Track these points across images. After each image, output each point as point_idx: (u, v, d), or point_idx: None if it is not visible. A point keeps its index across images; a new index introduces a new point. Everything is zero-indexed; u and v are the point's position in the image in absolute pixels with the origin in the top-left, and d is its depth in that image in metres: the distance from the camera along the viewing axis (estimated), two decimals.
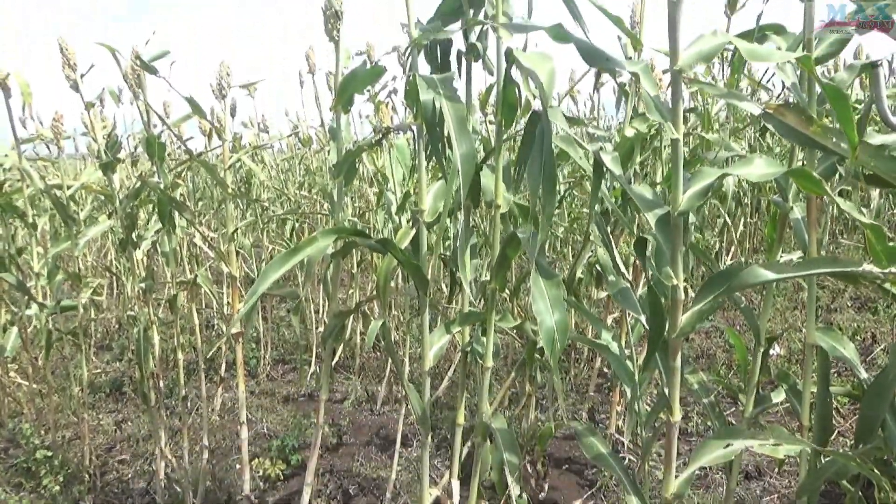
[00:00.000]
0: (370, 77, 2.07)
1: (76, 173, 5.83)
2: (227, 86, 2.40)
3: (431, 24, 1.87)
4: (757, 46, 1.44)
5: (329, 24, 2.17)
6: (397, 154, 2.55)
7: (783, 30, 1.88)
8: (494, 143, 1.84)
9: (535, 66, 1.57)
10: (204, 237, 2.63)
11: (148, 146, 2.43)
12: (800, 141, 1.48)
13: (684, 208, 1.39)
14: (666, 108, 1.39)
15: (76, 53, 2.63)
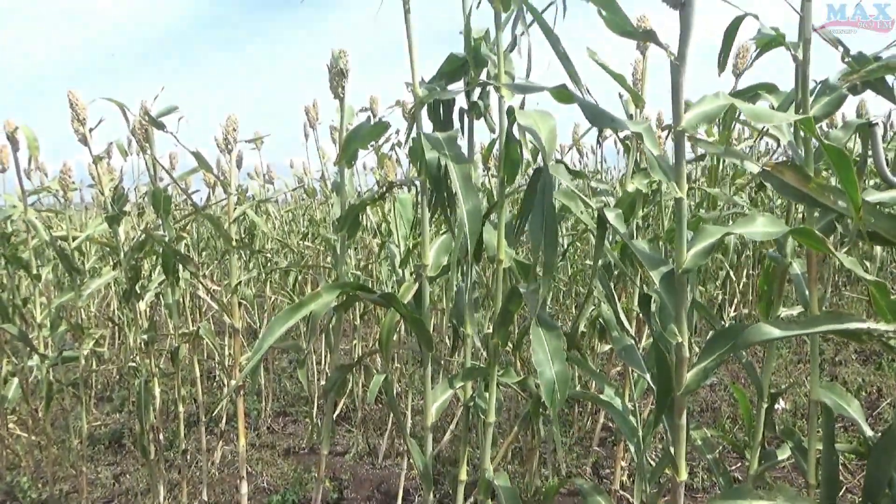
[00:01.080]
0: (374, 133, 2.11)
1: (82, 223, 5.87)
2: (233, 141, 2.44)
3: (434, 83, 1.91)
4: (759, 108, 1.47)
5: (334, 81, 2.22)
6: (400, 208, 2.57)
7: (775, 88, 1.91)
8: (497, 199, 1.86)
9: (536, 124, 1.60)
10: (207, 289, 2.64)
11: (154, 200, 2.46)
12: (798, 198, 1.49)
13: (688, 266, 1.40)
14: (669, 168, 1.41)
15: (86, 108, 2.68)
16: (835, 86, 1.71)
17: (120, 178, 2.97)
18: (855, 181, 1.38)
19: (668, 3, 1.29)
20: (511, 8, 1.70)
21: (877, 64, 1.59)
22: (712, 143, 1.68)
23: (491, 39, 1.85)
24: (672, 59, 1.32)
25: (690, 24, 1.30)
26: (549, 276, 1.57)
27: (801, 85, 1.65)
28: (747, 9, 1.62)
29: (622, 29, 1.38)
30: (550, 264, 1.56)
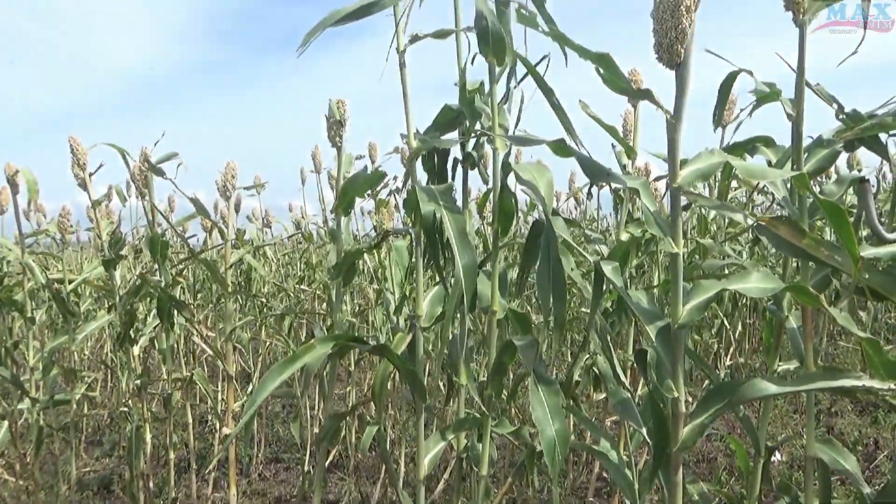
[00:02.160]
0: (370, 182, 2.12)
1: (78, 265, 5.87)
2: (232, 187, 2.46)
3: (429, 134, 1.93)
4: (752, 164, 1.49)
5: (332, 130, 2.24)
6: (396, 256, 2.57)
7: (772, 142, 1.93)
8: (491, 250, 1.86)
9: (534, 177, 1.61)
10: (202, 336, 2.63)
11: (151, 245, 2.47)
12: (793, 253, 1.50)
13: (684, 322, 1.40)
14: (665, 223, 1.42)
15: (87, 154, 2.70)
16: (829, 141, 1.73)
17: (118, 223, 2.97)
18: (852, 234, 1.39)
19: (663, 63, 1.31)
20: (505, 62, 1.73)
21: (870, 122, 1.62)
22: (708, 198, 1.69)
23: (485, 91, 1.88)
24: (668, 118, 1.34)
25: (686, 84, 1.32)
26: (561, 329, 1.57)
27: (796, 141, 1.67)
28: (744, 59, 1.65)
29: (620, 87, 1.40)
30: (561, 318, 1.56)
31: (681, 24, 1.26)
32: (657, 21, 1.29)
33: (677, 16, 1.26)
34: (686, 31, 1.27)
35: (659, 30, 1.29)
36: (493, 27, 1.61)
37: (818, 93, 1.68)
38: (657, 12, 1.29)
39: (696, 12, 1.28)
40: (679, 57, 1.29)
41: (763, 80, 1.80)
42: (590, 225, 4.56)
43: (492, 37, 1.62)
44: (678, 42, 1.27)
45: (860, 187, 1.82)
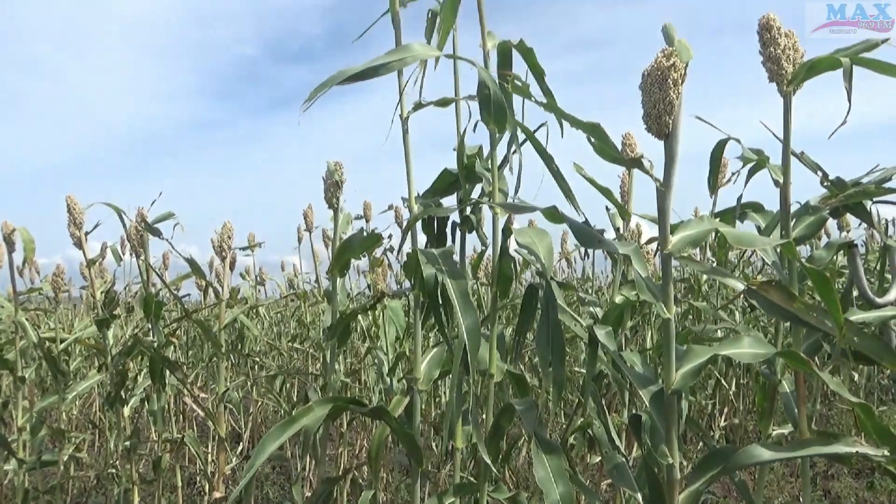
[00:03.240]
0: (366, 244, 2.14)
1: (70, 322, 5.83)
2: (227, 248, 2.47)
3: (428, 197, 1.96)
4: (741, 232, 1.52)
5: (329, 191, 2.27)
6: (392, 315, 2.58)
7: (761, 208, 1.97)
8: (489, 313, 1.88)
9: (533, 241, 1.64)
10: (194, 397, 2.62)
11: (145, 305, 2.47)
12: (784, 317, 1.52)
13: (678, 387, 1.41)
14: (657, 289, 1.44)
15: (83, 213, 2.72)
16: (815, 208, 1.77)
17: (112, 282, 2.98)
18: (836, 301, 1.42)
19: (652, 133, 1.35)
20: (506, 129, 1.77)
21: (854, 190, 1.66)
22: (700, 263, 1.72)
23: (485, 156, 1.92)
24: (658, 186, 1.37)
25: (675, 154, 1.36)
26: (560, 391, 1.57)
27: (784, 207, 1.71)
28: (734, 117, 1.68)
29: (611, 156, 1.44)
30: (560, 380, 1.57)
31: (668, 96, 1.31)
32: (645, 93, 1.33)
33: (665, 88, 1.30)
34: (673, 104, 1.31)
35: (647, 101, 1.33)
36: (495, 96, 1.65)
37: (803, 161, 1.72)
38: (645, 85, 1.33)
39: (683, 85, 1.33)
40: (667, 128, 1.33)
41: (750, 147, 1.84)
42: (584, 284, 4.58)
43: (493, 105, 1.66)
44: (666, 114, 1.31)
45: (849, 252, 1.85)
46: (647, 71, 1.32)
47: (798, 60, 1.59)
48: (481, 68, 1.64)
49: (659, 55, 1.30)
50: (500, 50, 1.71)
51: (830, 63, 1.51)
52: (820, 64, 1.53)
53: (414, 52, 1.59)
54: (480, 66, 1.65)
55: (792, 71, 1.58)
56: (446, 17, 1.63)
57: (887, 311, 1.71)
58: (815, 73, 1.56)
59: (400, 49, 1.60)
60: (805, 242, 1.80)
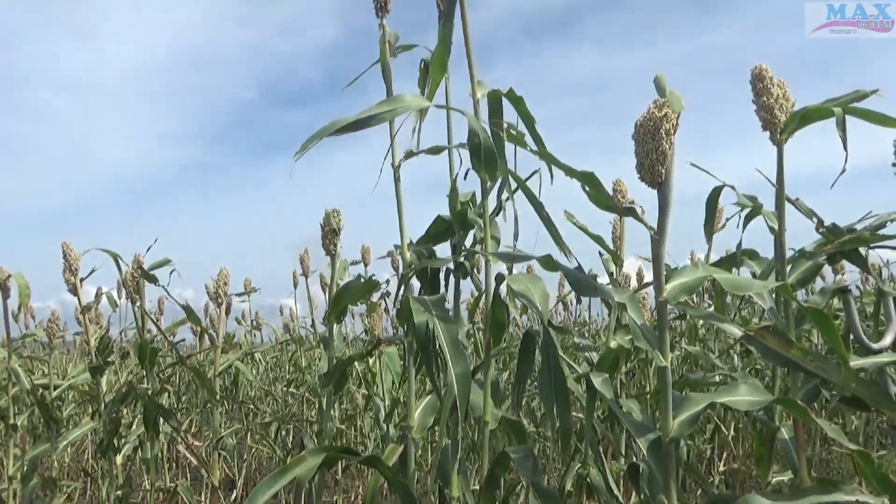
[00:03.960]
0: (363, 291, 2.14)
1: (63, 367, 5.78)
2: (223, 294, 2.47)
3: (422, 244, 1.97)
4: (736, 277, 1.52)
5: (326, 239, 2.28)
6: (388, 361, 2.57)
7: (756, 255, 1.98)
8: (483, 360, 1.87)
9: (528, 288, 1.63)
10: (188, 445, 2.59)
11: (140, 352, 2.46)
12: (781, 363, 1.51)
13: (675, 435, 1.40)
14: (653, 336, 1.43)
15: (79, 259, 2.72)
16: (811, 253, 1.77)
17: (107, 328, 2.96)
18: (839, 339, 1.42)
19: (645, 182, 1.36)
20: (497, 177, 1.78)
21: (849, 237, 1.66)
22: (697, 309, 1.72)
23: (477, 203, 1.93)
24: (652, 234, 1.37)
25: (669, 202, 1.37)
26: (567, 442, 1.56)
27: (779, 254, 1.71)
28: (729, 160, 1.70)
29: (605, 205, 1.44)
30: (567, 430, 1.55)
31: (661, 146, 1.32)
32: (638, 143, 1.34)
33: (657, 139, 1.32)
34: (666, 154, 1.32)
35: (640, 151, 1.34)
36: (486, 144, 1.66)
37: (798, 207, 1.73)
38: (638, 135, 1.35)
39: (675, 135, 1.34)
40: (660, 177, 1.34)
41: (745, 193, 1.86)
42: (581, 329, 4.56)
43: (484, 153, 1.67)
44: (659, 163, 1.33)
45: (843, 298, 1.86)
46: (640, 121, 1.33)
47: (790, 109, 1.61)
48: (471, 117, 1.66)
49: (651, 106, 1.32)
50: (491, 98, 1.73)
51: (823, 113, 1.53)
52: (812, 113, 1.55)
53: (405, 102, 1.61)
54: (470, 115, 1.67)
55: (785, 120, 1.59)
56: (435, 70, 1.66)
57: (884, 356, 1.71)
58: (808, 122, 1.58)
59: (391, 100, 1.62)
60: (801, 288, 1.81)
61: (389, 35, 1.84)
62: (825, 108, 1.53)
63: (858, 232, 1.68)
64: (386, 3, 1.80)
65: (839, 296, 1.90)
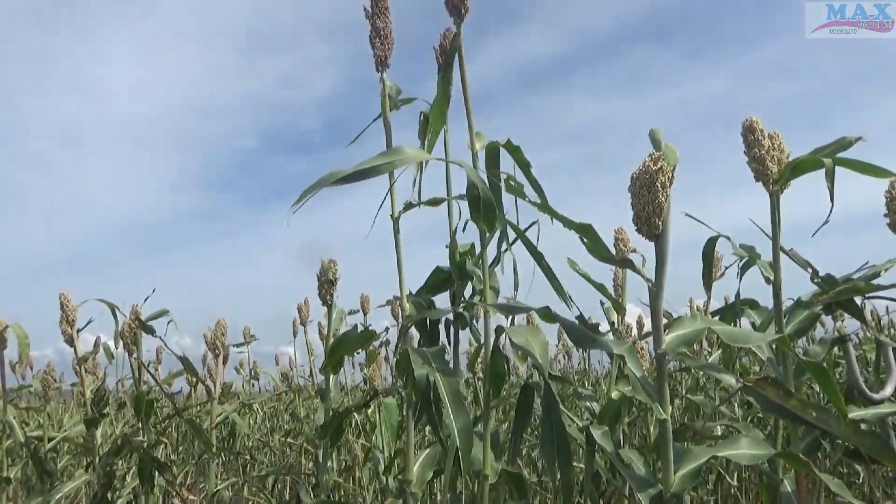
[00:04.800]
0: (361, 342, 2.14)
1: (58, 417, 5.73)
2: (221, 345, 2.46)
3: (421, 295, 1.97)
4: (735, 330, 1.52)
5: (323, 289, 2.28)
6: (385, 414, 2.55)
7: (756, 304, 1.98)
8: (482, 412, 1.85)
9: (528, 340, 1.63)
10: (183, 499, 2.55)
11: (136, 404, 2.44)
12: (781, 415, 1.50)
13: (676, 490, 1.38)
14: (653, 389, 1.43)
15: (76, 310, 2.71)
16: (808, 304, 1.78)
17: (103, 379, 2.94)
18: (837, 392, 1.41)
19: (642, 234, 1.37)
20: (496, 228, 1.79)
21: (844, 286, 1.67)
22: (696, 360, 1.72)
23: (476, 253, 1.93)
24: (650, 286, 1.38)
25: (666, 254, 1.37)
26: (569, 497, 1.54)
27: (776, 304, 1.71)
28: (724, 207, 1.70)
29: (603, 256, 1.45)
30: (569, 484, 1.53)
31: (657, 199, 1.33)
32: (634, 196, 1.36)
33: (653, 191, 1.33)
34: (662, 206, 1.34)
35: (636, 204, 1.35)
36: (484, 195, 1.68)
37: (793, 258, 1.74)
38: (634, 188, 1.36)
39: (671, 188, 1.35)
40: (657, 229, 1.35)
41: (741, 244, 1.87)
42: (581, 377, 4.53)
43: (483, 205, 1.68)
44: (655, 216, 1.34)
45: (843, 347, 1.85)
46: (636, 174, 1.34)
47: (783, 160, 1.63)
48: (470, 169, 1.68)
49: (647, 159, 1.33)
50: (488, 151, 1.75)
51: (813, 164, 1.55)
52: (803, 165, 1.57)
53: (404, 154, 1.63)
54: (469, 167, 1.69)
55: (777, 171, 1.61)
56: (434, 121, 1.68)
57: (884, 407, 1.70)
58: (800, 173, 1.60)
59: (390, 152, 1.64)
60: (800, 338, 1.80)
61: (390, 88, 1.87)
62: (816, 159, 1.55)
63: (854, 282, 1.68)
64: (386, 58, 1.83)
65: (839, 345, 1.89)
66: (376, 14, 1.83)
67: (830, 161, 1.50)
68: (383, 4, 1.84)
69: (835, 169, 1.51)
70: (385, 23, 1.83)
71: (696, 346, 3.85)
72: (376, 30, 1.83)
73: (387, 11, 1.84)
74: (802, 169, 1.58)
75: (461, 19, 1.70)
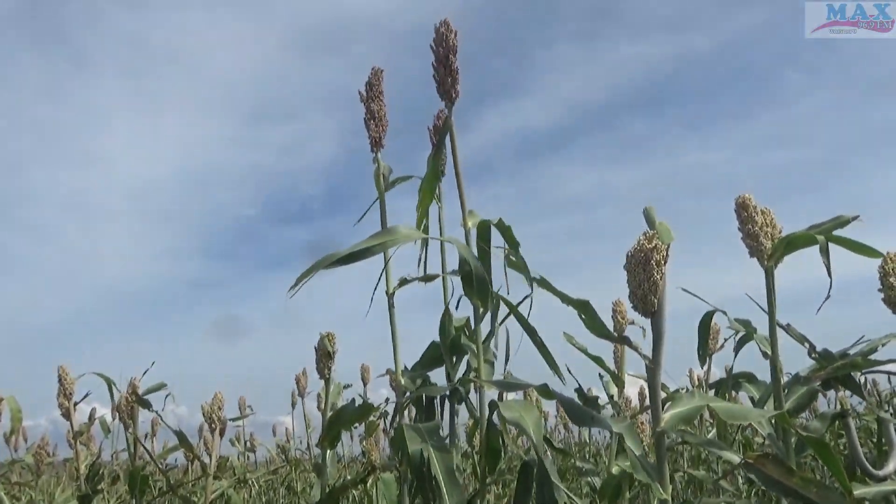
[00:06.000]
0: (358, 416, 2.12)
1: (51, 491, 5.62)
2: (217, 419, 2.44)
3: (416, 370, 1.97)
4: (734, 407, 1.51)
5: (321, 363, 2.27)
6: (384, 489, 2.51)
7: (754, 378, 1.97)
8: (478, 489, 1.83)
9: (521, 416, 1.62)
10: None
11: (131, 480, 2.40)
12: (783, 492, 1.48)
13: None
14: (652, 468, 1.41)
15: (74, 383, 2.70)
16: (806, 379, 1.77)
17: (98, 453, 2.91)
18: (841, 468, 1.40)
19: (638, 312, 1.37)
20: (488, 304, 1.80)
21: (841, 362, 1.67)
22: (696, 435, 1.70)
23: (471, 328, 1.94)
24: (647, 364, 1.38)
25: (662, 331, 1.38)
26: None
27: (774, 380, 1.71)
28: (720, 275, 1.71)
29: (600, 333, 1.46)
30: None
31: (652, 277, 1.34)
32: (630, 274, 1.37)
33: (648, 270, 1.34)
34: (658, 284, 1.35)
35: (632, 282, 1.36)
36: (477, 272, 1.69)
37: (790, 333, 1.74)
38: (629, 266, 1.37)
39: (665, 265, 1.36)
40: (653, 307, 1.36)
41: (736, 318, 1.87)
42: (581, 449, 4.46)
43: (475, 281, 1.70)
44: (651, 293, 1.34)
45: (843, 422, 1.84)
46: (631, 253, 1.36)
47: (776, 236, 1.64)
48: (462, 247, 1.70)
49: (641, 238, 1.35)
50: (480, 228, 1.77)
51: (806, 240, 1.57)
52: (797, 241, 1.58)
53: (398, 234, 1.66)
54: (462, 244, 1.71)
55: (771, 246, 1.63)
56: (424, 199, 1.71)
57: (888, 485, 1.68)
58: (793, 249, 1.61)
59: (384, 232, 1.67)
60: (799, 414, 1.79)
61: (383, 168, 1.91)
62: (809, 235, 1.57)
63: (851, 357, 1.68)
64: (380, 140, 1.88)
65: (839, 420, 1.88)
66: (371, 98, 1.89)
67: (823, 238, 1.52)
68: (378, 89, 1.90)
69: (829, 246, 1.53)
70: (379, 106, 1.89)
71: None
72: (371, 112, 1.88)
73: (381, 95, 1.90)
74: (796, 245, 1.59)
75: (452, 103, 1.75)
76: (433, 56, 1.73)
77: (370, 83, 1.94)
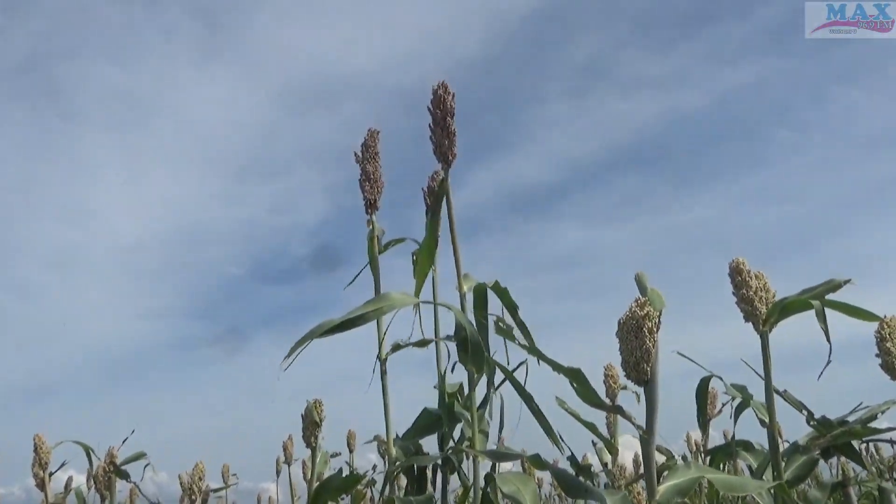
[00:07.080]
0: (345, 486, 2.06)
1: None
2: (198, 490, 2.36)
3: (408, 438, 1.92)
4: (731, 478, 1.47)
5: (307, 431, 2.21)
6: None
7: (751, 446, 1.93)
8: None
9: (518, 489, 1.56)
10: None
11: None
12: None
13: None
14: None
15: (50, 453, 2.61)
16: (805, 448, 1.73)
17: None
18: None
19: (631, 380, 1.34)
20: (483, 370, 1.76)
21: (840, 430, 1.63)
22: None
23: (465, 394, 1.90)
24: (641, 434, 1.34)
25: (656, 400, 1.34)
26: None
27: (772, 448, 1.67)
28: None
29: (592, 402, 1.42)
30: None
31: (644, 344, 1.31)
32: (622, 342, 1.34)
33: (641, 337, 1.31)
34: (650, 351, 1.31)
35: (624, 350, 1.33)
36: (472, 338, 1.66)
37: (787, 399, 1.71)
38: (621, 333, 1.34)
39: (658, 333, 1.34)
40: (646, 375, 1.32)
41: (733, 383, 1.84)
42: None
43: (471, 347, 1.67)
44: (644, 361, 1.31)
45: (843, 492, 1.79)
46: (623, 320, 1.33)
47: (770, 300, 1.63)
48: (458, 312, 1.67)
49: (633, 305, 1.32)
50: (476, 292, 1.75)
51: (801, 305, 1.55)
52: (791, 306, 1.57)
53: (391, 300, 1.62)
54: (457, 309, 1.68)
55: (765, 311, 1.61)
56: (423, 264, 1.69)
57: None
58: (788, 313, 1.60)
59: (378, 299, 1.64)
60: (798, 485, 1.74)
61: (378, 231, 1.89)
62: (804, 300, 1.55)
63: (850, 425, 1.64)
64: (375, 201, 1.86)
65: (839, 490, 1.83)
66: (367, 159, 1.87)
67: (819, 303, 1.50)
68: (374, 150, 1.88)
69: (825, 310, 1.51)
70: (375, 167, 1.87)
71: None
72: (366, 174, 1.87)
73: (377, 157, 1.88)
74: (790, 310, 1.58)
75: (449, 165, 1.73)
76: (430, 117, 1.72)
77: (366, 144, 1.93)
